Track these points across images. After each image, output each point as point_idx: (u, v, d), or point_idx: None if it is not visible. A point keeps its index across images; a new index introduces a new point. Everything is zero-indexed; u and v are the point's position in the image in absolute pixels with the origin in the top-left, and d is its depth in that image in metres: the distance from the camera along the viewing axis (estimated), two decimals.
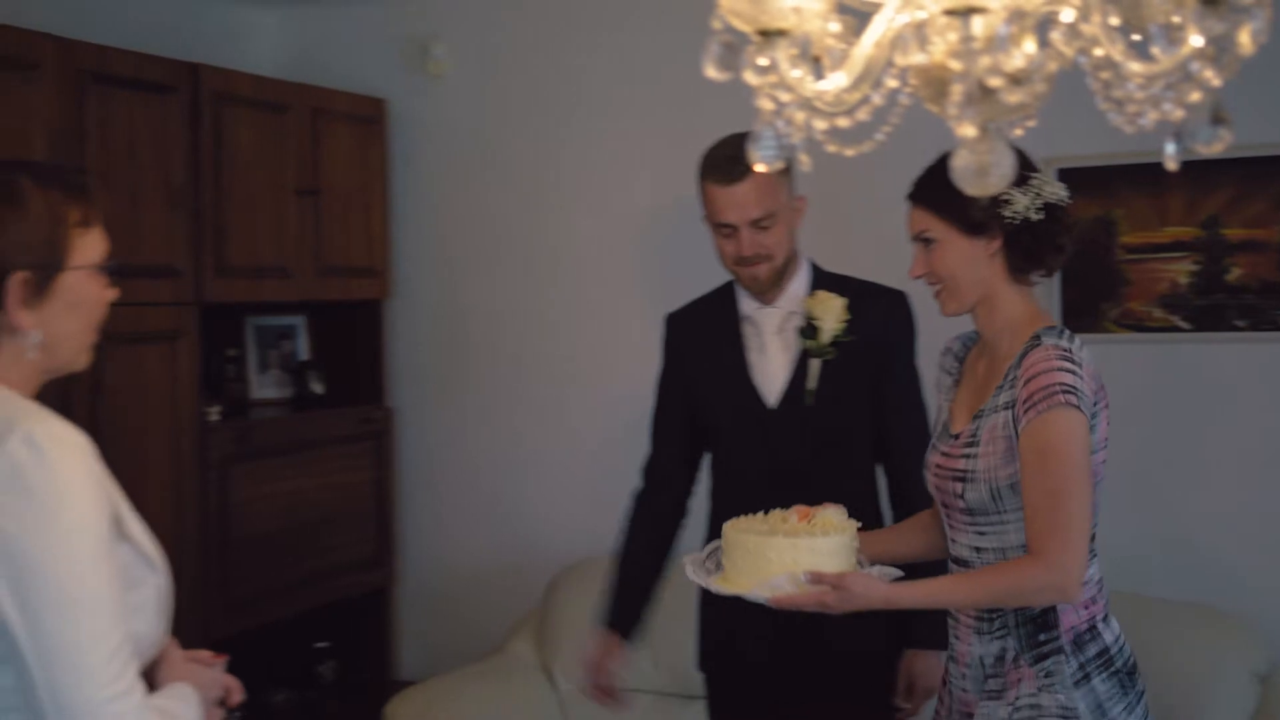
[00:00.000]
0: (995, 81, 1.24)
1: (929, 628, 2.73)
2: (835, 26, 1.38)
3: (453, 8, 4.48)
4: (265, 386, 4.38)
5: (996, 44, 1.22)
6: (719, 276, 2.99)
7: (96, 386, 3.38)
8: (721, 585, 2.29)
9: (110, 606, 1.53)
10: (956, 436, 2.32)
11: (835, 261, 3.00)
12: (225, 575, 3.79)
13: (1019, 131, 1.41)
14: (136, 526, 1.65)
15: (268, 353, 4.42)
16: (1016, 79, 1.26)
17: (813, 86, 1.38)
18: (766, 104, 1.38)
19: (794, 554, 2.22)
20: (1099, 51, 1.26)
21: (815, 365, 2.77)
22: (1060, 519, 2.13)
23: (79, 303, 1.68)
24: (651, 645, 3.89)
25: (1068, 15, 1.25)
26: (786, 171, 2.77)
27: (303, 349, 4.50)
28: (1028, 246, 2.26)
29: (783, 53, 1.35)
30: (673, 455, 2.99)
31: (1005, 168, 1.38)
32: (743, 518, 2.38)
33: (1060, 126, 2.33)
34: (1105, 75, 1.27)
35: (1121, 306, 3.77)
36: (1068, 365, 2.19)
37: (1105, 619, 2.29)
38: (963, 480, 2.26)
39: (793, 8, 1.33)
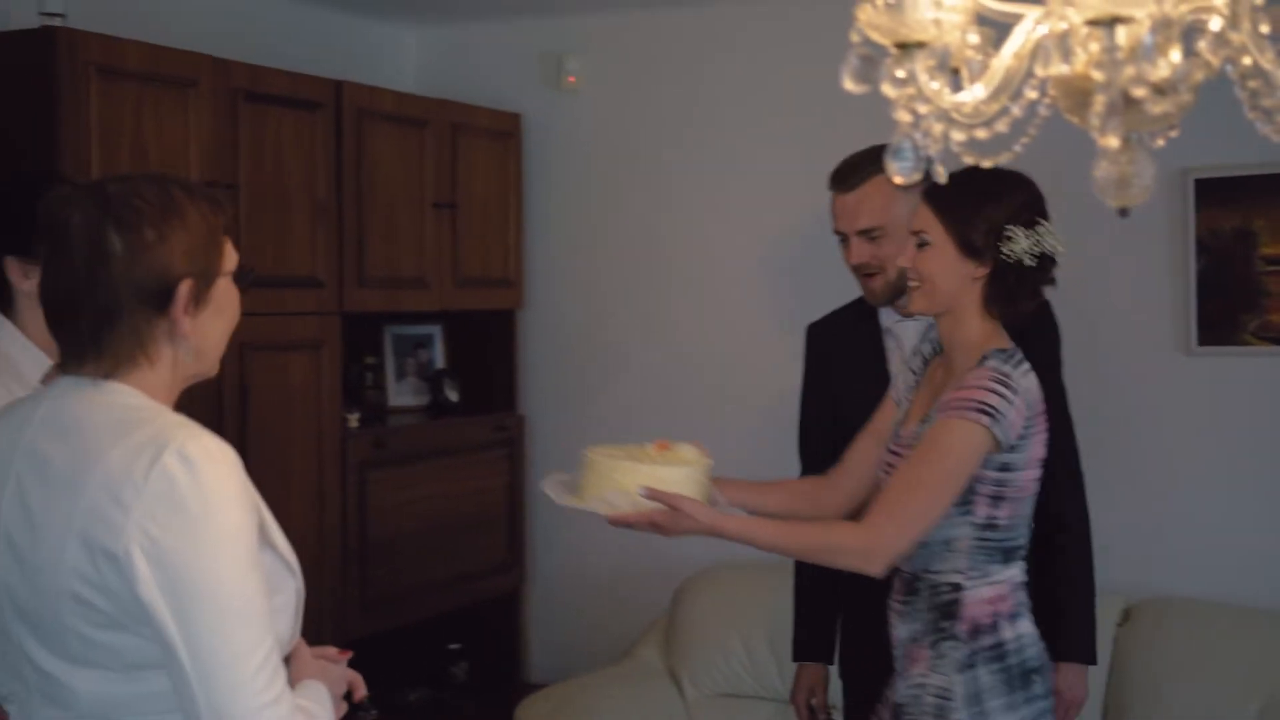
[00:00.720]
0: (1139, 92, 1.22)
1: (1075, 640, 2.73)
2: (974, 38, 1.37)
3: (586, 24, 4.52)
4: (402, 394, 4.46)
5: (1141, 53, 1.19)
6: (851, 289, 2.97)
7: (244, 393, 3.48)
8: (566, 499, 2.37)
9: (262, 616, 1.55)
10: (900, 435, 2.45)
11: None
12: (363, 577, 3.87)
13: (1161, 142, 1.38)
14: (277, 532, 1.67)
15: (405, 361, 4.51)
16: (1161, 89, 1.24)
17: (951, 98, 1.37)
18: (904, 116, 1.38)
19: (637, 476, 2.28)
20: (1247, 60, 1.23)
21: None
22: (904, 504, 2.26)
23: (224, 309, 1.70)
24: (775, 652, 3.88)
25: (1215, 24, 1.22)
26: (911, 186, 2.70)
27: (439, 357, 4.58)
28: (1010, 286, 2.34)
29: (921, 65, 1.34)
30: (825, 467, 2.85)
31: (1147, 179, 1.36)
32: (608, 445, 2.43)
33: (1198, 136, 2.27)
34: (1253, 84, 1.25)
35: (1261, 318, 3.66)
36: (998, 388, 2.27)
37: (1013, 618, 2.36)
38: None
39: (932, 20, 1.32)
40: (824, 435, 2.90)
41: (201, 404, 3.23)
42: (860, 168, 2.76)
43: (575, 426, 4.56)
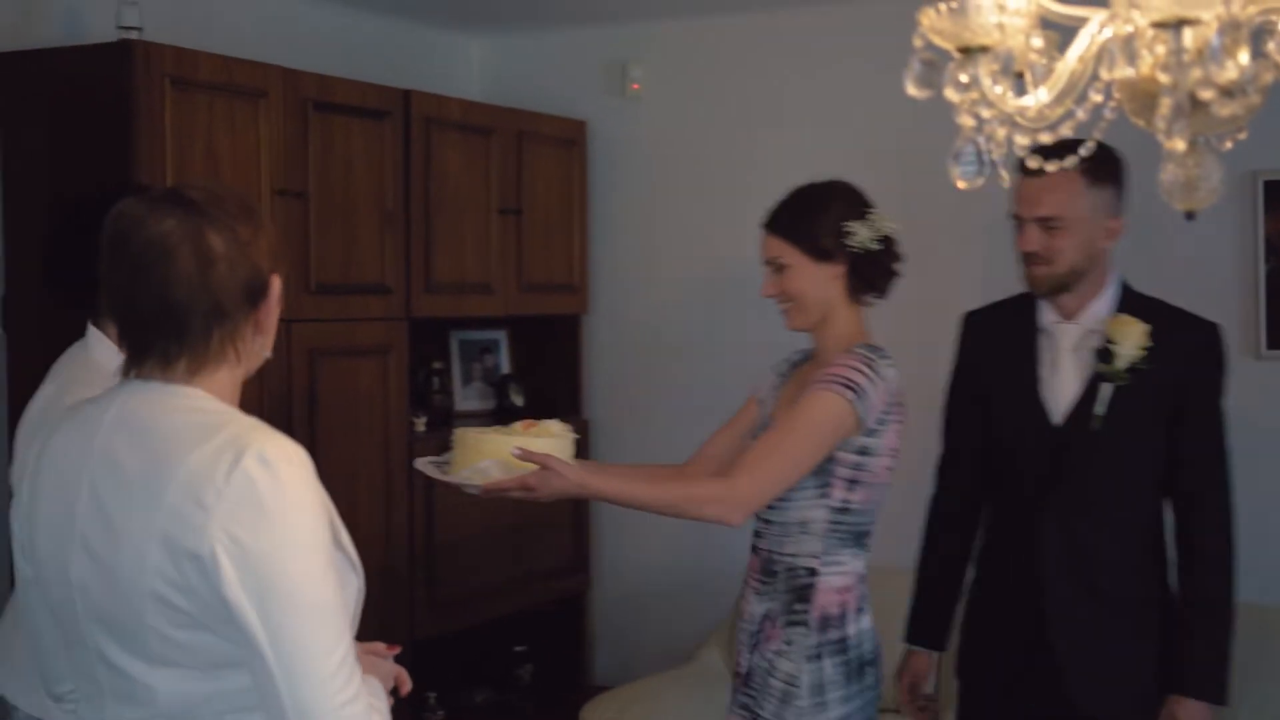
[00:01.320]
0: (1206, 94, 1.20)
1: (1202, 676, 2.61)
2: (1038, 42, 1.36)
3: (649, 32, 4.53)
4: (468, 398, 4.48)
5: (1208, 56, 1.18)
6: (914, 302, 2.94)
7: (313, 398, 3.51)
8: (438, 474, 2.45)
9: (339, 614, 1.57)
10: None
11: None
12: (430, 579, 3.89)
13: (1228, 144, 1.36)
14: (343, 532, 1.67)
15: (471, 366, 4.53)
16: (1229, 91, 1.22)
17: (1015, 102, 1.35)
18: (967, 120, 1.36)
19: (504, 446, 2.36)
20: None
21: (1106, 390, 2.60)
22: (765, 462, 2.42)
23: (276, 305, 1.70)
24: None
25: None
26: (1106, 188, 2.64)
27: (504, 362, 4.60)
28: (867, 273, 2.54)
29: (984, 69, 1.33)
30: (965, 457, 2.88)
31: (1214, 182, 1.34)
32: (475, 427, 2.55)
33: (1266, 138, 2.23)
34: None
35: None
36: (863, 369, 2.46)
37: (858, 613, 2.53)
38: None
39: (996, 24, 1.31)
40: (967, 425, 2.86)
41: (272, 408, 3.27)
42: (1050, 155, 2.63)
43: (639, 429, 4.57)
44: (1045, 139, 1.37)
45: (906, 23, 1.52)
